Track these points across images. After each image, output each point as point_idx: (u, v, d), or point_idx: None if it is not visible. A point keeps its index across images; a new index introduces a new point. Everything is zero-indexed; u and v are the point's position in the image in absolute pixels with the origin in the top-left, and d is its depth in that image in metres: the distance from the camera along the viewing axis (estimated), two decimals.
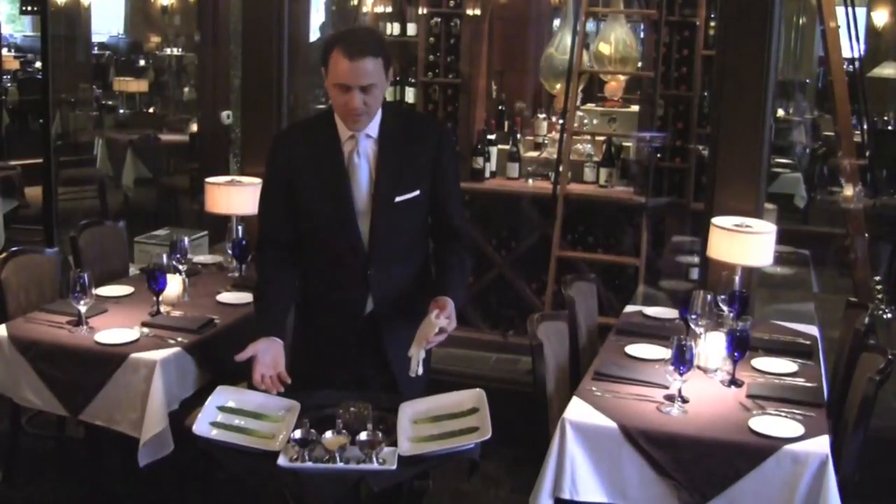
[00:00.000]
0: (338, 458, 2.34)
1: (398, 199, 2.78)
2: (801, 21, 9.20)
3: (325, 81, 2.71)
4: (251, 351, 2.70)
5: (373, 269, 2.79)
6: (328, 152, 2.79)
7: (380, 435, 2.39)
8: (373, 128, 2.78)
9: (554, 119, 5.92)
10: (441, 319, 2.62)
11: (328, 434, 2.39)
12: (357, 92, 2.64)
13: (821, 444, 2.68)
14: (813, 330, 3.72)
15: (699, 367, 3.12)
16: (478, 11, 5.65)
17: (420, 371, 2.66)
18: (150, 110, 10.18)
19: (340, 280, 2.82)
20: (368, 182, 2.79)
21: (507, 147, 5.66)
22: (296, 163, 2.81)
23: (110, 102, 10.08)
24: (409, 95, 5.93)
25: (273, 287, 2.85)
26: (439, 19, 5.63)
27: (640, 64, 5.66)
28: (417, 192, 2.80)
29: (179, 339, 3.33)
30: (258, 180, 4.37)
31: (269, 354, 2.71)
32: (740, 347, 3.06)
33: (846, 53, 5.55)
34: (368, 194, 2.78)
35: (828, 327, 4.05)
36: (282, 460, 2.37)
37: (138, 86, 10.38)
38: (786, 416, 2.83)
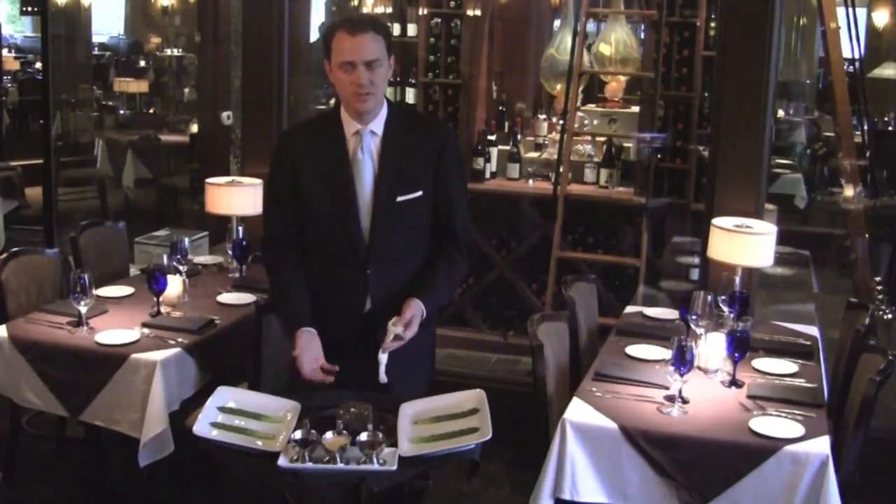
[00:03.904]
0: (338, 459, 2.34)
1: (400, 198, 2.78)
2: (801, 21, 9.20)
3: (329, 68, 2.70)
4: (298, 350, 2.72)
5: (372, 268, 2.79)
6: (333, 148, 2.79)
7: (380, 435, 2.39)
8: (378, 124, 2.79)
9: (554, 120, 5.92)
10: (397, 327, 2.67)
11: (328, 434, 2.39)
12: (362, 68, 2.65)
13: (821, 445, 2.68)
14: (813, 330, 3.72)
15: (699, 368, 3.12)
16: (478, 12, 5.65)
17: (385, 378, 2.69)
18: (151, 111, 10.17)
19: (340, 279, 2.82)
20: (371, 180, 2.79)
21: (507, 148, 5.66)
22: (300, 159, 2.82)
23: (111, 103, 10.07)
24: (410, 96, 5.93)
25: (292, 282, 2.85)
26: (440, 20, 5.64)
27: (640, 64, 5.66)
28: (420, 193, 2.79)
29: (180, 339, 3.33)
30: (258, 181, 4.38)
31: (311, 349, 2.73)
32: (741, 348, 3.06)
33: (847, 54, 5.55)
34: (371, 192, 2.79)
35: (828, 328, 4.05)
36: (282, 461, 2.36)
37: (139, 86, 10.38)
38: (786, 417, 2.83)
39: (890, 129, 8.75)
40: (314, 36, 6.35)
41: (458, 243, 2.88)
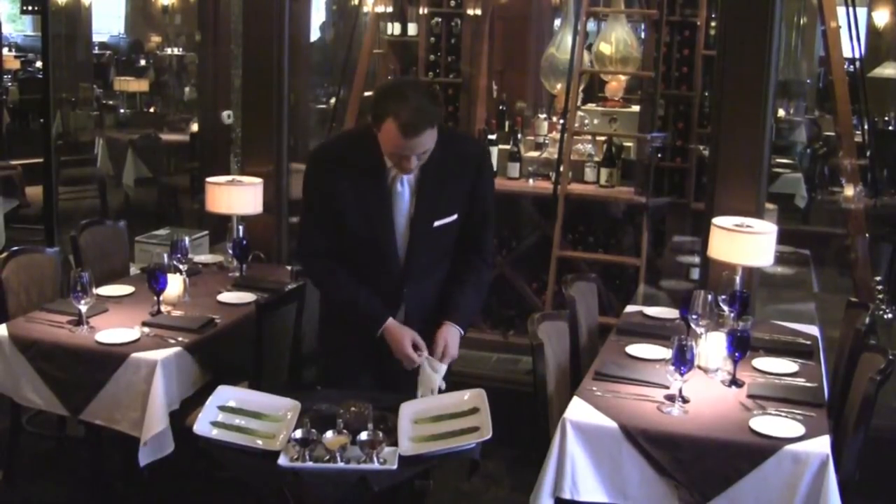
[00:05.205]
0: (338, 458, 2.35)
1: (437, 223, 2.84)
2: (801, 21, 9.21)
3: (377, 128, 2.66)
4: (396, 338, 2.82)
5: (407, 286, 2.87)
6: (371, 177, 2.80)
7: (380, 434, 2.40)
8: None
9: (555, 119, 5.91)
10: (441, 364, 2.80)
11: (329, 434, 2.39)
12: (413, 157, 2.68)
13: (821, 444, 2.68)
14: (813, 330, 3.72)
15: (700, 367, 3.11)
16: (478, 11, 5.65)
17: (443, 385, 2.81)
18: (151, 110, 10.19)
19: (375, 293, 2.88)
20: (409, 207, 2.84)
21: (507, 147, 5.65)
22: (337, 182, 2.82)
23: (111, 102, 10.08)
24: None
25: (353, 285, 2.87)
26: (440, 19, 5.64)
27: (640, 64, 5.66)
28: (455, 217, 2.87)
29: (180, 338, 3.33)
30: (259, 180, 4.38)
31: (406, 333, 2.83)
32: (741, 347, 3.06)
33: (847, 53, 5.56)
34: (408, 219, 2.84)
35: (828, 327, 4.04)
36: (282, 460, 2.37)
37: (139, 85, 10.38)
38: (786, 416, 2.83)
39: (890, 128, 8.75)
40: (314, 36, 6.35)
41: (484, 255, 2.98)
